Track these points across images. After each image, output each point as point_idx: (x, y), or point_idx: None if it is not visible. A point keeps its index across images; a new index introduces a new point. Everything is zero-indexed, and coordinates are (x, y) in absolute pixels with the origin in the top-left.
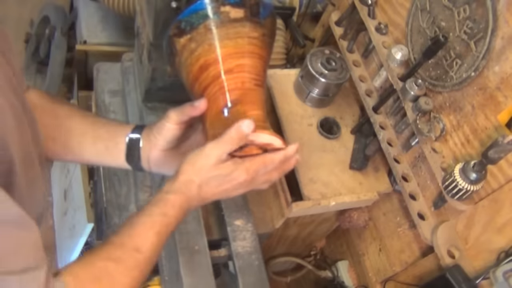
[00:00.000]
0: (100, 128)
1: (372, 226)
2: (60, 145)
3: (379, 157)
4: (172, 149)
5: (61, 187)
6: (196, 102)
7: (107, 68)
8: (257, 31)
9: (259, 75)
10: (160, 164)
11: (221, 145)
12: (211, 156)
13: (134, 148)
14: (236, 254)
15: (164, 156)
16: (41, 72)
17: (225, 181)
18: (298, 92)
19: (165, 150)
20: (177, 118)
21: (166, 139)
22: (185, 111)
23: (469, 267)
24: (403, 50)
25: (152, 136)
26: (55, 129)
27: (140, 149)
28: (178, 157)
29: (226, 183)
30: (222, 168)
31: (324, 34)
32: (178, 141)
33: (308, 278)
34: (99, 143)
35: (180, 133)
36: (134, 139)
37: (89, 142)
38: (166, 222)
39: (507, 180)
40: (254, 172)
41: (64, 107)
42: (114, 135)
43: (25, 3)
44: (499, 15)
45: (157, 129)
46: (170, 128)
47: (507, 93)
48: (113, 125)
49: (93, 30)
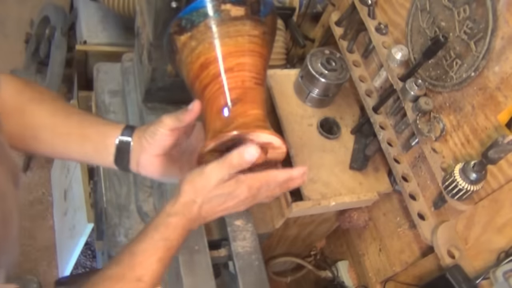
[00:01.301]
0: (88, 127)
1: (372, 226)
2: (44, 144)
3: (379, 157)
4: (163, 154)
5: (61, 187)
6: (190, 105)
7: (107, 68)
8: (257, 29)
9: (259, 73)
10: (148, 168)
11: (222, 168)
12: (211, 177)
13: (124, 151)
14: (236, 254)
15: (154, 160)
16: (41, 72)
17: (227, 200)
18: (298, 92)
19: (156, 155)
20: (172, 124)
21: (158, 145)
22: (180, 117)
23: (469, 267)
24: (403, 50)
25: (144, 140)
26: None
27: (130, 152)
28: (167, 162)
29: (228, 201)
30: (224, 188)
31: (324, 34)
32: (170, 147)
33: (308, 278)
34: (87, 144)
35: (174, 140)
36: (125, 142)
37: (76, 143)
38: (168, 246)
39: (507, 180)
40: (257, 190)
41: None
42: (103, 136)
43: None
44: (499, 15)
45: (150, 133)
46: (163, 134)
47: (507, 93)
48: (102, 124)
49: (93, 30)
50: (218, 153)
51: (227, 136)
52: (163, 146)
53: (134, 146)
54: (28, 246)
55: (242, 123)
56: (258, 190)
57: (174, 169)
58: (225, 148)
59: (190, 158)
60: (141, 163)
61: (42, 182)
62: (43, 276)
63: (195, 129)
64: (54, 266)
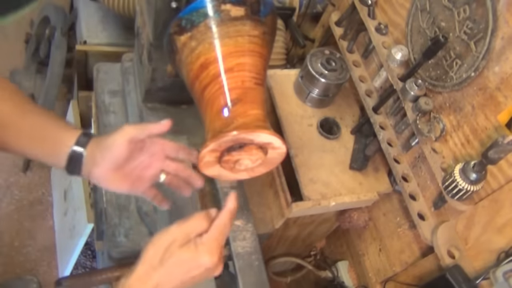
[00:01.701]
0: (41, 131)
1: (372, 226)
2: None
3: (379, 157)
4: (115, 169)
5: (61, 187)
6: (162, 121)
7: (107, 69)
8: (257, 29)
9: (259, 73)
10: (100, 180)
11: (184, 228)
12: (175, 235)
13: (76, 161)
14: (236, 254)
15: (105, 174)
16: (41, 72)
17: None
18: (298, 92)
19: (107, 169)
20: (133, 133)
21: (111, 160)
22: (146, 128)
23: (469, 267)
24: (403, 50)
25: (97, 152)
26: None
27: (82, 163)
28: (118, 176)
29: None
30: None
31: (324, 34)
32: (124, 161)
33: (308, 278)
34: (38, 149)
35: (128, 154)
36: (77, 153)
37: (28, 145)
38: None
39: (507, 180)
40: (219, 250)
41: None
42: (56, 143)
43: None
44: (499, 15)
45: (106, 145)
46: (120, 144)
47: (507, 93)
48: (57, 129)
49: (93, 30)
50: (218, 153)
51: (227, 136)
52: (116, 160)
53: (86, 159)
54: (28, 246)
55: (242, 123)
56: (221, 249)
57: (124, 184)
58: (225, 148)
59: (141, 174)
60: (92, 174)
61: (42, 182)
62: (43, 276)
63: (150, 147)
64: (54, 266)
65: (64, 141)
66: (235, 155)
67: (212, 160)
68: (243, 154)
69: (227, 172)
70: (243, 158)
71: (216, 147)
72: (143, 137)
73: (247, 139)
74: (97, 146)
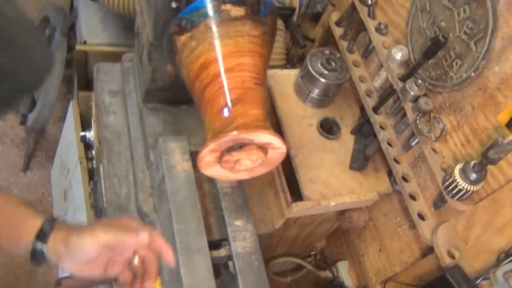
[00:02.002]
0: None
1: (372, 226)
2: None
3: (379, 157)
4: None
5: (61, 187)
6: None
7: (107, 69)
8: (257, 29)
9: (259, 74)
10: (70, 272)
11: None
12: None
13: (38, 257)
14: (236, 254)
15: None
16: None
17: None
18: (298, 92)
19: (77, 264)
20: (106, 240)
21: (81, 258)
22: (118, 238)
23: (469, 267)
24: (403, 50)
25: (63, 249)
26: None
27: (45, 259)
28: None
29: None
30: None
31: (324, 34)
32: (93, 259)
33: (308, 278)
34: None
35: (99, 254)
36: (38, 250)
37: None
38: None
39: (507, 180)
40: None
41: None
42: (15, 238)
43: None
44: (499, 15)
45: (74, 247)
46: (90, 248)
47: (507, 93)
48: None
49: (93, 30)
50: (218, 153)
51: (227, 136)
52: (85, 259)
53: (50, 255)
54: None
55: (242, 123)
56: None
57: (96, 270)
58: (225, 148)
59: (114, 259)
60: (60, 266)
61: (42, 182)
62: (43, 276)
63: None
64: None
65: (23, 237)
66: (235, 155)
67: (212, 160)
68: (243, 154)
69: (227, 172)
70: (243, 158)
71: (216, 147)
72: (114, 245)
73: (247, 139)
74: (62, 241)
